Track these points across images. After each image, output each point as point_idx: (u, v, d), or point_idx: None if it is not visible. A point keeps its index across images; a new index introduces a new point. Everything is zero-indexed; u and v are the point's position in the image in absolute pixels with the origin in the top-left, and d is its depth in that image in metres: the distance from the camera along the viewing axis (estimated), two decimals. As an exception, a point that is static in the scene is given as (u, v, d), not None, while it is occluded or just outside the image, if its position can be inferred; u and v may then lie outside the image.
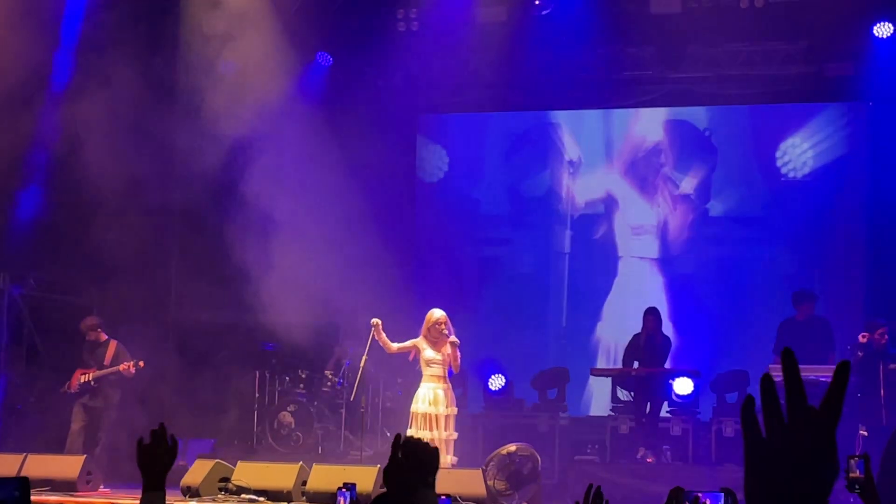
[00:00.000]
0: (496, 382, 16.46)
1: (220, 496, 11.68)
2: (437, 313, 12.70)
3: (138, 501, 4.47)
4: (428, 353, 12.59)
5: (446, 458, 12.15)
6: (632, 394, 15.06)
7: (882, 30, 15.74)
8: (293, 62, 16.56)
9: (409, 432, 12.51)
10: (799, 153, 17.15)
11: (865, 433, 13.19)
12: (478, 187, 18.59)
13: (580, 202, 18.27)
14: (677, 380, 14.90)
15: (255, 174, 15.71)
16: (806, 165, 17.12)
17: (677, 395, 14.91)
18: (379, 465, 11.58)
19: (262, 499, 11.50)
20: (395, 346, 12.78)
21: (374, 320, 12.74)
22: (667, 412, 15.12)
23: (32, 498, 4.99)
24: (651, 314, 15.12)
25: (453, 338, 12.49)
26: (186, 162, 15.61)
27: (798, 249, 16.69)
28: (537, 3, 16.27)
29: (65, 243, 15.47)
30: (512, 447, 12.20)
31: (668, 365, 15.24)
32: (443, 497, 7.63)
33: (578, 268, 18.04)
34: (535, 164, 18.45)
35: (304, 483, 11.63)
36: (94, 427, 14.42)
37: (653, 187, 17.97)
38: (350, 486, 8.96)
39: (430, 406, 12.45)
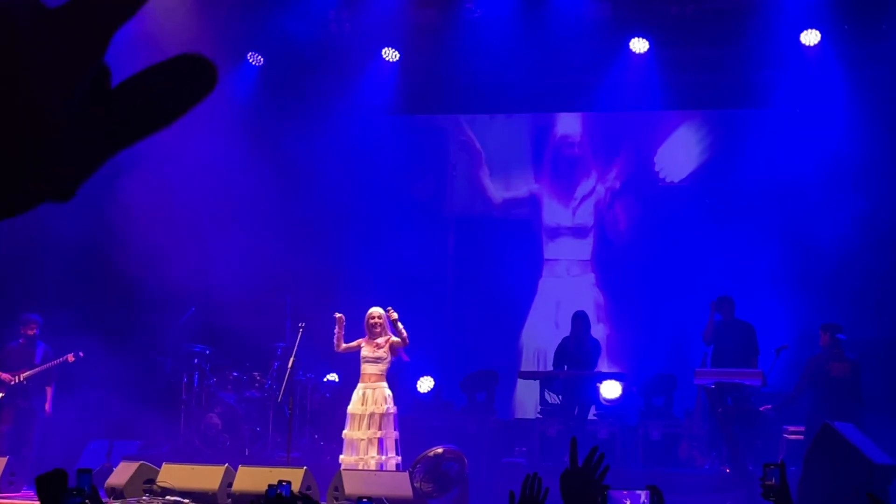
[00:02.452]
0: (425, 385, 16.45)
1: (144, 498, 11.56)
2: (369, 310, 12.72)
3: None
4: (363, 351, 12.62)
5: (369, 457, 12.18)
6: (559, 397, 15.09)
7: (809, 37, 15.91)
8: (222, 61, 16.47)
9: (343, 433, 12.53)
10: (719, 158, 17.32)
11: (791, 436, 13.32)
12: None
13: (502, 205, 18.30)
14: (605, 383, 14.96)
15: (183, 173, 15.60)
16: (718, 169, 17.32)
17: (605, 399, 14.97)
18: (305, 467, 11.54)
19: (187, 500, 11.40)
20: (343, 345, 12.77)
21: (338, 315, 12.67)
22: (594, 415, 15.18)
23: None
24: (579, 318, 15.19)
25: (393, 313, 12.54)
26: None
27: (715, 252, 16.75)
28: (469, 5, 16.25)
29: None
30: (439, 449, 12.19)
31: (602, 369, 15.32)
32: (364, 500, 7.61)
33: (502, 271, 18.01)
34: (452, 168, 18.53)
35: (230, 485, 11.55)
36: (23, 428, 14.27)
37: (572, 190, 18.02)
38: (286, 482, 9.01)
39: (360, 406, 12.45)
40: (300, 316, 13.30)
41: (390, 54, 17.27)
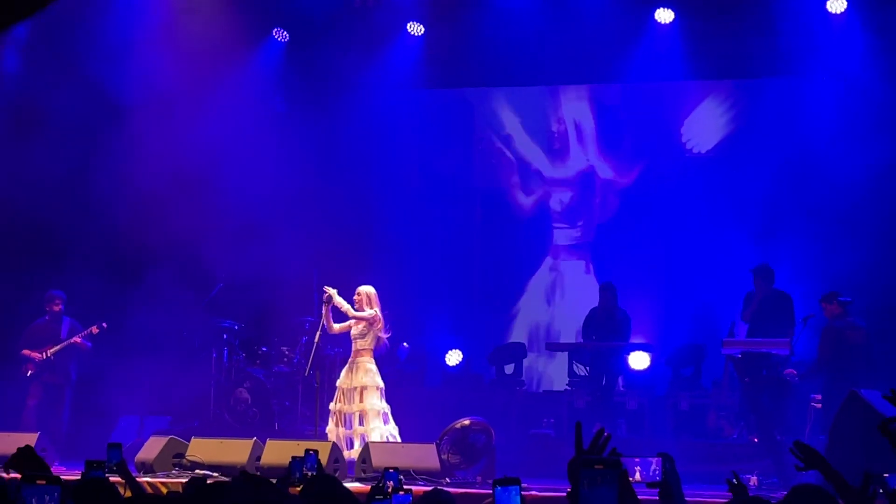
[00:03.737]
0: (454, 358, 16.50)
1: (174, 472, 11.66)
2: None
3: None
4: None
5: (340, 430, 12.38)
6: (587, 368, 15.09)
7: (835, 5, 15.81)
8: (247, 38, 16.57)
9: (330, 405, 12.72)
10: (742, 127, 17.26)
11: (818, 405, 13.26)
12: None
13: (528, 177, 18.30)
14: (633, 354, 14.95)
15: (210, 149, 15.65)
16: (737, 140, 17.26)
17: (634, 370, 14.97)
18: (332, 441, 11.63)
19: (215, 474, 11.46)
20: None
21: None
22: (622, 387, 15.18)
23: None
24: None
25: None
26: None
27: (743, 221, 16.65)
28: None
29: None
30: (466, 421, 12.23)
31: (634, 339, 15.26)
32: (391, 471, 7.67)
33: (525, 246, 18.00)
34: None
35: (259, 458, 11.62)
36: (53, 404, 14.36)
37: (602, 160, 18.00)
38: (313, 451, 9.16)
39: (344, 379, 12.67)
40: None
41: (415, 28, 17.23)
